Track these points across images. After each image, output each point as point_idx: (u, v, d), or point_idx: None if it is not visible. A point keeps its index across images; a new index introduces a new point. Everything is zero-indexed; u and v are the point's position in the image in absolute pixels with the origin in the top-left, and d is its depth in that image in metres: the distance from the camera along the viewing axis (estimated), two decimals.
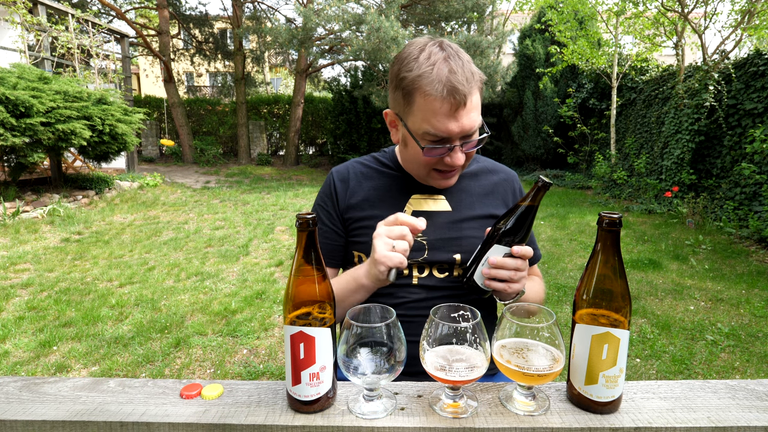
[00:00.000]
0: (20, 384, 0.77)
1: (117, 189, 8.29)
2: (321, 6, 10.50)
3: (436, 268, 1.08)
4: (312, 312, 0.68)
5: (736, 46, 7.51)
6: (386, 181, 1.13)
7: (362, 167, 1.17)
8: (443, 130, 0.94)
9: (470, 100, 0.93)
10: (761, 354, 2.85)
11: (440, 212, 1.09)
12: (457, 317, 0.72)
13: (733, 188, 6.24)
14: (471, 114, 0.94)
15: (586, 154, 10.88)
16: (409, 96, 0.95)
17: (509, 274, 0.91)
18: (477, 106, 0.96)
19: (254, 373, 2.69)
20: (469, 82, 0.92)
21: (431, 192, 1.11)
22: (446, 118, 0.93)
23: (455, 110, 0.92)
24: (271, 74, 25.99)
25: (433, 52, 0.94)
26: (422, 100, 0.93)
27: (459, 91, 0.90)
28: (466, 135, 0.96)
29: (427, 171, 1.04)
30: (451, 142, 0.96)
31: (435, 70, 0.91)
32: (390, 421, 0.67)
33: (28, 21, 7.46)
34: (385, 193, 1.11)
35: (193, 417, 0.68)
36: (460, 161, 0.98)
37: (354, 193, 1.12)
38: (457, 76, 0.91)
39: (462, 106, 0.92)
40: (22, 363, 2.73)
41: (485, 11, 11.88)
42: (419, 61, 0.94)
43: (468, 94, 0.92)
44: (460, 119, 0.93)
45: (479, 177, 1.17)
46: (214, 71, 19.18)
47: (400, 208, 1.09)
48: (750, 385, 0.77)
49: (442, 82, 0.90)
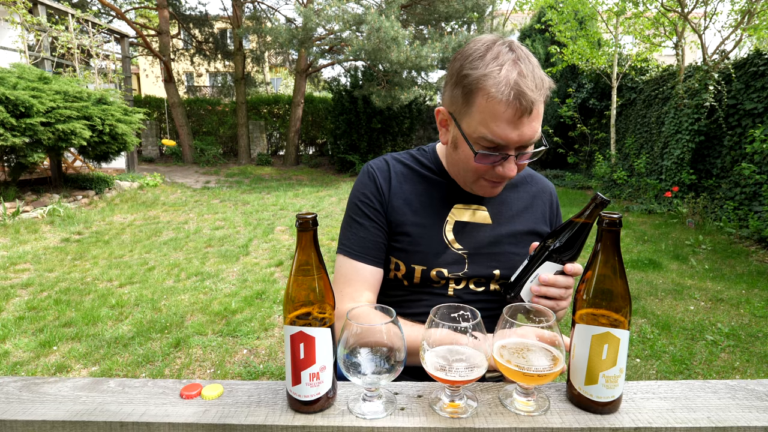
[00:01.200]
0: (20, 384, 0.77)
1: (117, 189, 8.29)
2: (321, 6, 10.50)
3: (473, 282, 1.05)
4: (312, 312, 0.68)
5: (736, 46, 7.51)
6: (428, 187, 1.07)
7: (402, 167, 1.10)
8: (502, 137, 0.87)
9: (536, 108, 0.86)
10: (761, 354, 2.85)
11: (481, 225, 1.06)
12: (457, 317, 0.72)
13: (733, 188, 6.24)
14: (533, 123, 0.88)
15: (586, 154, 10.88)
16: (470, 96, 0.88)
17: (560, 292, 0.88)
18: (540, 116, 0.89)
19: (254, 373, 2.69)
20: (538, 88, 0.86)
21: (473, 202, 1.07)
22: (507, 125, 0.86)
23: (519, 117, 0.85)
24: (271, 74, 25.99)
25: (502, 52, 0.87)
26: (484, 102, 0.86)
27: (527, 96, 0.84)
28: (523, 145, 0.90)
29: (474, 178, 0.98)
30: (506, 151, 0.90)
31: (503, 71, 0.85)
32: (390, 421, 0.67)
33: (28, 21, 7.46)
34: (427, 200, 1.06)
35: (193, 417, 0.68)
36: (512, 173, 0.92)
37: (395, 195, 1.06)
38: (526, 81, 0.84)
39: (527, 114, 0.85)
40: (22, 363, 2.73)
41: (485, 11, 11.87)
42: (485, 59, 0.87)
43: (535, 101, 0.85)
44: (522, 127, 0.87)
45: (518, 188, 1.12)
46: (214, 71, 19.18)
47: (442, 218, 1.05)
48: (750, 385, 0.77)
49: (510, 85, 0.84)
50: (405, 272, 1.05)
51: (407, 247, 1.03)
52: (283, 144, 16.21)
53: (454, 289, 1.05)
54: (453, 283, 1.05)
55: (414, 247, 1.03)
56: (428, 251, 1.02)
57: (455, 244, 1.04)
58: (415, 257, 1.03)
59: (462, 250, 1.03)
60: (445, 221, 1.05)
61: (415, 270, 1.04)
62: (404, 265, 1.04)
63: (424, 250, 1.03)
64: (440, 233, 1.04)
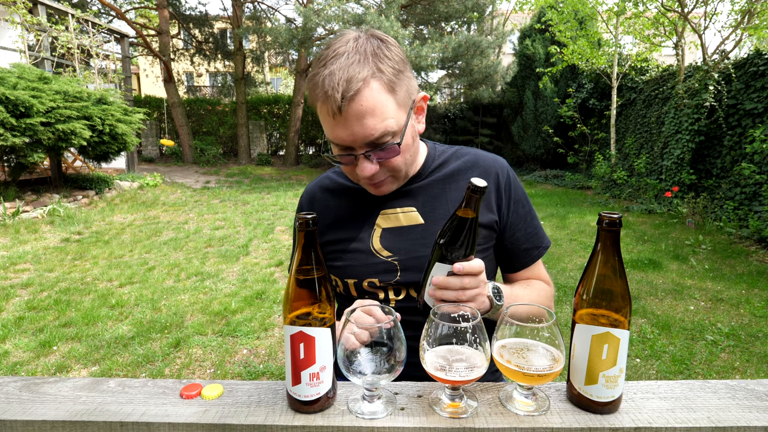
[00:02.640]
0: (20, 384, 0.77)
1: (117, 189, 8.30)
2: (321, 6, 10.51)
3: (413, 289, 0.98)
4: (312, 312, 0.68)
5: (736, 46, 7.51)
6: (353, 199, 1.04)
7: (330, 182, 1.09)
8: (335, 138, 0.85)
9: (353, 103, 0.80)
10: (761, 354, 2.85)
11: (412, 227, 0.99)
12: (457, 317, 0.72)
13: (733, 188, 6.24)
14: (363, 120, 0.81)
15: (586, 154, 10.88)
16: (313, 103, 0.87)
17: (455, 294, 0.80)
18: (373, 109, 0.82)
19: (254, 373, 2.69)
20: (351, 81, 0.79)
21: (400, 204, 1.00)
22: (334, 126, 0.83)
23: (333, 116, 0.82)
24: (271, 74, 25.99)
25: (334, 47, 0.83)
26: (316, 108, 0.86)
27: (329, 96, 0.80)
28: (370, 144, 0.85)
29: (356, 179, 0.96)
30: (353, 152, 0.87)
31: (320, 74, 0.81)
32: (390, 421, 0.67)
33: (28, 21, 7.46)
34: (352, 212, 1.03)
35: (193, 417, 0.68)
36: (366, 172, 0.87)
37: (322, 215, 1.05)
38: (333, 77, 0.79)
39: (339, 113, 0.81)
40: (22, 363, 2.73)
41: (485, 11, 11.88)
42: (319, 61, 0.85)
43: (348, 95, 0.79)
44: (349, 126, 0.82)
45: (457, 178, 1.02)
46: (214, 71, 19.18)
47: (370, 227, 1.00)
48: (750, 385, 0.77)
49: (320, 86, 0.81)
50: (343, 287, 1.02)
51: (338, 263, 1.01)
52: (283, 144, 16.21)
53: (396, 300, 0.98)
54: (393, 293, 0.99)
55: (344, 261, 1.00)
56: (356, 263, 0.99)
57: (383, 252, 0.98)
58: (346, 271, 1.00)
59: (392, 257, 0.98)
60: (372, 230, 1.00)
61: (348, 284, 1.01)
62: (340, 281, 1.02)
63: (353, 263, 0.99)
64: (367, 243, 1.00)
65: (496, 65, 12.72)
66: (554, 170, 11.59)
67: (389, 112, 0.84)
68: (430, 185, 1.01)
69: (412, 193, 1.01)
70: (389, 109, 0.84)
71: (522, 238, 1.04)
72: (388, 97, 0.84)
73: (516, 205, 1.03)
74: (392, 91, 0.84)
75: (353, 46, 0.83)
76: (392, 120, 0.85)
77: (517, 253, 1.05)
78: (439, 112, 14.77)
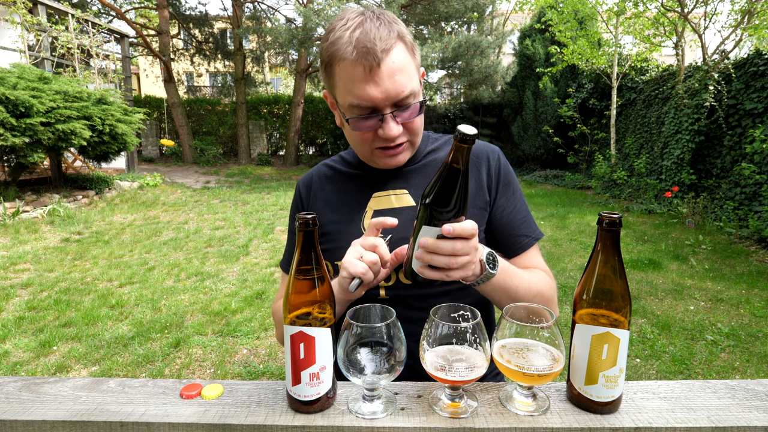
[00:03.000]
0: (20, 384, 0.77)
1: (117, 189, 8.30)
2: (321, 6, 10.51)
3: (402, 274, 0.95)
4: (312, 312, 0.68)
5: (736, 46, 7.51)
6: (346, 183, 1.06)
7: (327, 169, 1.11)
8: (364, 98, 0.85)
9: (388, 58, 0.83)
10: (761, 354, 2.85)
11: (403, 209, 0.99)
12: (457, 317, 0.72)
13: (733, 188, 6.24)
14: (395, 77, 0.84)
15: (586, 154, 10.88)
16: (330, 69, 0.88)
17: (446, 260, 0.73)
18: (402, 67, 0.85)
19: (254, 373, 2.69)
20: (383, 39, 0.82)
21: (392, 186, 1.01)
22: (364, 84, 0.84)
23: (369, 72, 0.83)
24: (271, 74, 25.99)
25: (350, 18, 0.86)
26: (339, 69, 0.86)
27: (370, 50, 0.81)
28: (397, 103, 0.87)
29: (369, 150, 0.95)
30: (380, 112, 0.87)
31: (346, 34, 0.84)
32: (390, 421, 0.67)
33: (28, 21, 7.46)
34: (345, 196, 1.04)
35: (193, 417, 0.68)
36: (393, 132, 0.88)
37: (317, 199, 1.07)
38: (368, 35, 0.82)
39: (376, 67, 0.82)
40: (22, 363, 2.73)
41: (485, 11, 11.88)
42: (336, 30, 0.86)
43: (384, 50, 0.82)
44: (381, 83, 0.84)
45: None
46: (214, 71, 19.18)
47: (361, 209, 1.01)
48: (750, 385, 0.77)
49: (352, 43, 0.83)
50: (333, 272, 1.01)
51: (330, 246, 1.01)
52: (283, 144, 16.21)
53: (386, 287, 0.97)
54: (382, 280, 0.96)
55: (334, 244, 1.00)
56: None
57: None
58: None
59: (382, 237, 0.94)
60: (363, 212, 1.01)
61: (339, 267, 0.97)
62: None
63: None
64: (358, 226, 1.00)
65: (496, 65, 12.72)
66: (554, 170, 11.59)
67: (413, 72, 0.89)
68: (424, 168, 1.03)
69: (404, 176, 1.02)
70: (413, 70, 0.89)
71: (511, 222, 1.02)
72: (411, 59, 0.89)
73: (505, 188, 1.03)
74: (413, 54, 0.90)
75: (369, 15, 0.87)
76: (415, 81, 0.89)
77: (506, 238, 1.02)
78: (439, 112, 14.76)
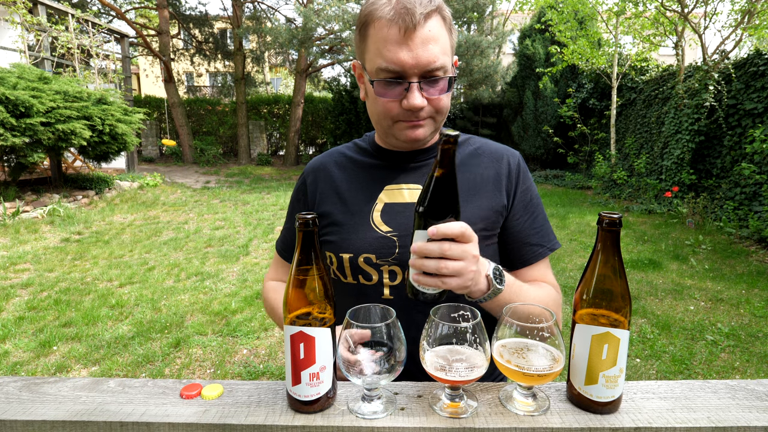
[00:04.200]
0: (20, 384, 0.77)
1: (117, 189, 8.30)
2: (321, 6, 10.51)
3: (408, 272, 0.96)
4: (312, 312, 0.68)
5: (736, 46, 7.51)
6: (359, 172, 1.03)
7: (339, 156, 1.08)
8: (395, 61, 0.83)
9: (425, 24, 0.82)
10: (761, 354, 2.85)
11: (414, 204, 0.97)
12: (457, 317, 0.72)
13: (733, 188, 6.24)
14: (429, 45, 0.83)
15: (586, 154, 10.88)
16: (364, 31, 0.87)
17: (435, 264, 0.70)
18: (437, 38, 0.84)
19: (254, 373, 2.69)
20: (424, 5, 0.82)
21: (405, 180, 0.99)
22: (397, 46, 0.82)
23: (405, 34, 0.81)
24: (271, 74, 25.99)
25: None
26: (373, 30, 0.85)
27: (409, 10, 0.80)
28: (426, 73, 0.85)
29: (390, 123, 0.92)
30: (407, 79, 0.85)
31: None
32: (390, 421, 0.67)
33: (28, 21, 7.46)
34: (356, 185, 1.01)
35: (193, 417, 0.68)
36: (417, 102, 0.85)
37: (327, 186, 1.04)
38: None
39: (412, 30, 0.81)
40: (22, 363, 2.73)
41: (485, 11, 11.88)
42: None
43: (422, 14, 0.81)
44: (415, 48, 0.82)
45: (467, 161, 1.01)
46: (214, 71, 19.19)
47: (372, 200, 0.98)
48: (750, 385, 0.77)
49: (392, 4, 0.82)
50: (337, 264, 0.99)
51: (335, 237, 0.98)
52: (283, 144, 16.21)
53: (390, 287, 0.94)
54: (387, 277, 0.95)
55: (341, 235, 0.98)
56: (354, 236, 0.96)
57: (383, 226, 0.96)
58: (343, 245, 0.97)
59: (391, 232, 0.94)
60: (374, 204, 0.98)
61: (343, 260, 0.97)
62: (335, 256, 0.98)
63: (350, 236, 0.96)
64: (368, 217, 0.97)
65: (496, 65, 12.72)
66: (554, 170, 11.59)
67: (447, 47, 0.87)
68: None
69: (418, 170, 1.00)
70: (447, 45, 0.87)
71: (525, 230, 1.00)
72: (447, 35, 0.87)
73: (523, 194, 1.01)
74: (450, 31, 0.88)
75: None
76: (447, 56, 0.87)
77: (519, 246, 1.00)
78: None
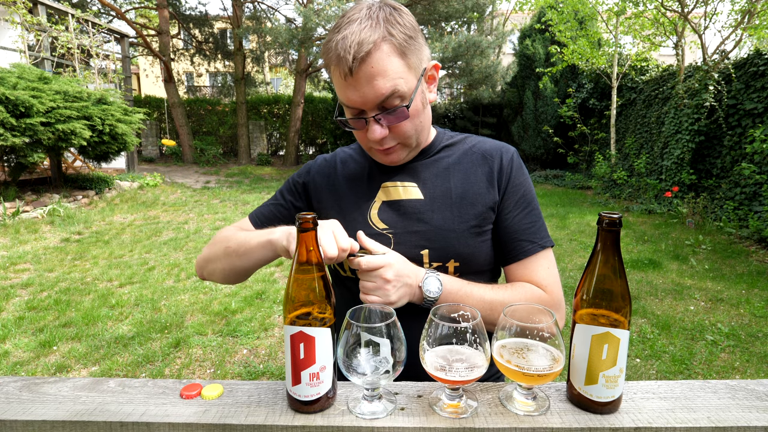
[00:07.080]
0: (20, 384, 0.77)
1: (117, 189, 8.29)
2: (321, 6, 10.51)
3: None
4: (312, 312, 0.68)
5: (736, 46, 7.51)
6: (360, 169, 1.06)
7: (342, 153, 1.13)
8: (347, 100, 0.88)
9: (366, 62, 0.82)
10: (761, 354, 2.85)
11: (410, 201, 0.99)
12: (457, 317, 0.72)
13: (733, 188, 6.24)
14: (374, 81, 0.84)
15: (586, 154, 10.88)
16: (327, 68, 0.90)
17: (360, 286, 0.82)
18: (383, 70, 0.84)
19: (254, 373, 2.69)
20: (361, 44, 0.82)
21: (401, 179, 1.01)
22: (346, 88, 0.86)
23: (345, 78, 0.85)
24: (271, 74, 25.99)
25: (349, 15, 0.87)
26: (330, 71, 0.89)
27: (341, 58, 0.83)
28: (380, 105, 0.87)
29: (368, 148, 0.97)
30: (365, 115, 0.89)
31: (335, 37, 0.85)
32: (390, 421, 0.67)
33: (28, 21, 7.46)
34: (355, 183, 1.05)
35: (193, 417, 0.68)
36: (376, 135, 0.89)
37: (328, 180, 1.08)
38: (346, 40, 0.82)
39: (350, 75, 0.83)
40: (22, 363, 2.73)
41: (485, 11, 11.89)
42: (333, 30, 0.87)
43: (356, 59, 0.82)
44: (359, 87, 0.84)
45: (462, 161, 1.02)
46: (214, 71, 19.18)
47: (370, 198, 1.02)
48: (750, 385, 0.77)
49: (332, 49, 0.84)
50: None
51: None
52: (283, 144, 16.21)
53: None
54: None
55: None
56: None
57: (380, 224, 0.99)
58: None
59: (387, 230, 0.98)
60: (372, 201, 1.01)
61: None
62: None
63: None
64: (366, 214, 1.01)
65: (496, 65, 12.73)
66: (554, 170, 11.58)
67: (399, 73, 0.86)
68: (435, 164, 1.03)
69: (416, 170, 1.02)
70: (399, 71, 0.86)
71: (515, 225, 0.99)
72: (398, 60, 0.85)
73: (515, 189, 1.01)
74: (403, 54, 0.86)
75: (366, 13, 0.86)
76: (402, 81, 0.86)
77: (508, 241, 1.00)
78: (439, 112, 14.76)
